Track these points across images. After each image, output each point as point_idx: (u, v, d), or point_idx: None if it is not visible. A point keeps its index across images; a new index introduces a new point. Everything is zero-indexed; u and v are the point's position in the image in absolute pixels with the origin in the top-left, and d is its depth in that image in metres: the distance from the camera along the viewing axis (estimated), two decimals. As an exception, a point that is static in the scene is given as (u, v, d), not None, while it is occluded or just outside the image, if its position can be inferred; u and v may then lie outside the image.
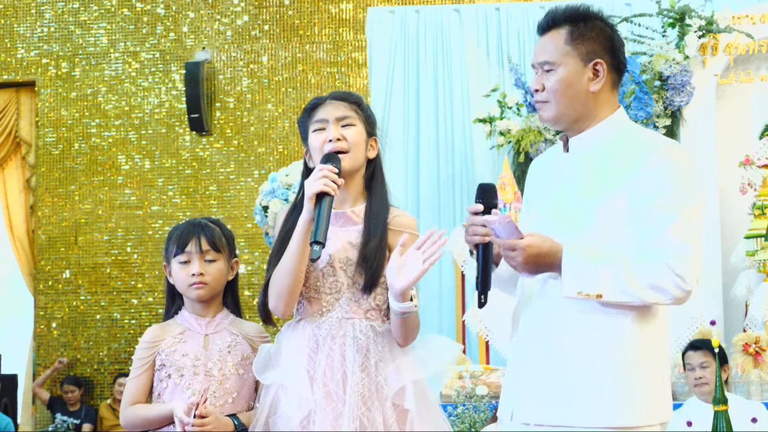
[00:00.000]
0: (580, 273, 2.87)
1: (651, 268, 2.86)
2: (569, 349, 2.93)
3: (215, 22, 9.68)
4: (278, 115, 9.55)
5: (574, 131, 3.09)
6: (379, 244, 3.13)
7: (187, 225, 3.40)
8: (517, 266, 2.92)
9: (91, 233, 9.66)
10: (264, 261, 9.20)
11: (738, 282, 6.95)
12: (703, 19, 7.37)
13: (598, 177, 2.99)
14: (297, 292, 3.12)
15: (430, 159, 8.35)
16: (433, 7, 8.86)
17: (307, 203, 3.05)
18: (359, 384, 3.05)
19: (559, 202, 3.04)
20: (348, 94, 3.31)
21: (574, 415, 2.91)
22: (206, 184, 9.60)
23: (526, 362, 3.01)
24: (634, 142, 3.01)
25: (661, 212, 2.89)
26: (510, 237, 2.88)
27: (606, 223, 2.93)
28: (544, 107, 3.07)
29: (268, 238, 7.05)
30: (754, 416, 5.53)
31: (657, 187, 2.91)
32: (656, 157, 2.94)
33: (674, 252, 2.86)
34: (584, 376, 2.91)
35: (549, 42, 3.08)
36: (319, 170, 3.06)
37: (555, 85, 3.04)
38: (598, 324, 2.91)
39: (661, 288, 2.86)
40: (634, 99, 7.11)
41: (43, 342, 9.67)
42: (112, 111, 9.74)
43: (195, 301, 3.36)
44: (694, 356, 5.74)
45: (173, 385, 3.25)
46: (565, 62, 3.05)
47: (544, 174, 3.18)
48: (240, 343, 3.31)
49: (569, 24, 3.09)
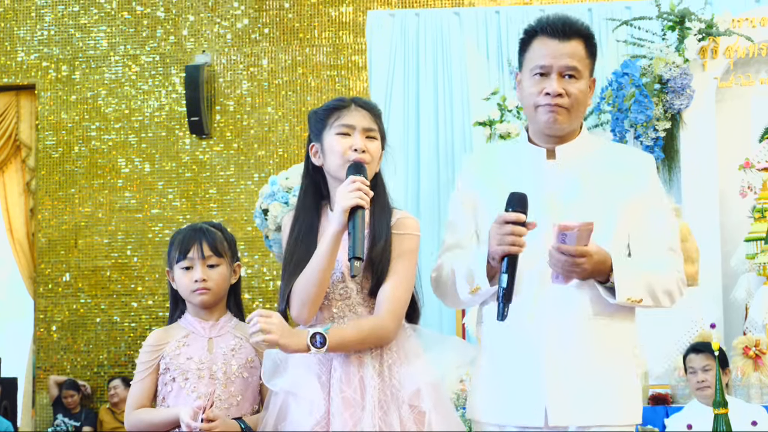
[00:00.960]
0: (629, 280, 2.98)
1: (666, 275, 3.07)
2: (595, 352, 3.03)
3: (215, 25, 9.69)
4: (278, 118, 9.55)
5: (560, 140, 3.15)
6: (384, 248, 3.11)
7: (188, 230, 3.39)
8: (579, 273, 2.93)
9: (91, 236, 9.66)
10: (264, 264, 9.21)
11: (738, 285, 6.95)
12: (703, 22, 7.37)
13: (605, 187, 3.10)
14: (320, 300, 3.10)
15: (430, 162, 8.36)
16: (432, 11, 8.86)
17: (340, 216, 3.01)
18: (377, 389, 3.05)
19: (564, 208, 3.05)
20: (372, 104, 3.26)
21: (609, 414, 3.03)
22: (206, 187, 9.60)
23: (547, 365, 3.01)
24: (629, 156, 3.23)
25: (663, 223, 3.12)
26: (580, 244, 2.89)
27: (622, 231, 3.09)
28: (563, 113, 3.09)
29: (268, 241, 7.05)
30: (754, 419, 5.53)
31: (658, 200, 3.14)
32: (654, 172, 3.19)
33: (678, 261, 3.11)
34: (613, 377, 3.04)
35: (574, 49, 3.10)
36: (352, 182, 3.01)
37: (579, 94, 3.10)
38: (612, 328, 3.06)
39: (671, 293, 3.08)
40: (634, 102, 7.10)
41: (42, 345, 9.66)
42: (112, 114, 9.74)
43: (198, 306, 3.35)
44: (696, 359, 5.73)
45: (178, 389, 3.25)
46: (585, 74, 3.13)
47: (515, 178, 3.12)
48: (244, 347, 3.30)
49: (584, 38, 3.14)
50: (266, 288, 9.30)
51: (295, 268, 3.11)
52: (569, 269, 2.91)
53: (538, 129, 3.16)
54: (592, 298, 3.01)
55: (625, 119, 7.24)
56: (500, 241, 2.91)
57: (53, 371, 9.59)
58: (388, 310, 3.09)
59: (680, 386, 6.21)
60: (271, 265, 9.20)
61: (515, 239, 2.90)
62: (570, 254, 2.88)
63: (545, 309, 3.02)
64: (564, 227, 2.88)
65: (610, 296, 2.97)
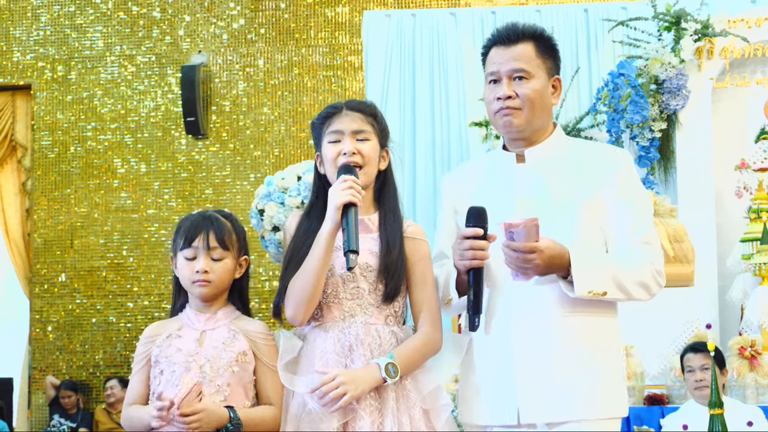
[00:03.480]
0: (589, 274, 3.00)
1: (639, 268, 3.08)
2: (567, 349, 3.05)
3: (211, 25, 9.68)
4: (274, 118, 9.55)
5: (528, 142, 3.22)
6: (400, 254, 3.18)
7: (197, 217, 3.29)
8: (533, 269, 2.98)
9: (86, 236, 9.66)
10: (260, 264, 9.20)
11: (734, 285, 6.95)
12: (699, 22, 7.38)
13: (570, 185, 3.14)
14: (317, 300, 3.14)
15: (426, 162, 8.36)
16: (429, 11, 8.86)
17: (334, 213, 3.06)
18: (392, 390, 3.09)
19: (533, 209, 3.08)
20: (364, 104, 3.30)
21: (583, 408, 3.04)
22: (202, 187, 9.60)
23: (518, 364, 3.07)
24: (598, 153, 3.26)
25: (636, 217, 3.12)
26: (529, 240, 2.93)
27: (587, 226, 3.11)
28: (517, 114, 3.16)
29: (264, 241, 7.04)
30: (749, 420, 5.52)
31: (630, 194, 3.15)
32: (626, 167, 3.19)
33: (654, 253, 3.11)
34: (587, 373, 3.05)
35: (520, 52, 3.18)
36: (344, 181, 3.08)
37: (531, 94, 3.16)
38: (587, 324, 3.08)
39: (647, 285, 3.09)
40: (630, 103, 7.11)
41: (38, 345, 9.65)
42: (108, 114, 9.73)
43: (197, 298, 3.28)
44: (695, 358, 5.73)
45: (165, 382, 3.16)
46: (538, 74, 3.18)
47: (488, 186, 3.23)
48: (238, 340, 3.21)
49: (533, 39, 3.21)
50: (262, 288, 9.30)
51: (297, 265, 3.14)
52: (521, 265, 2.97)
53: (503, 134, 3.28)
54: (561, 296, 3.05)
55: (621, 120, 7.25)
56: (461, 257, 3.03)
57: (49, 371, 9.59)
58: (431, 322, 3.20)
59: (676, 386, 6.21)
60: (267, 265, 9.19)
61: (475, 253, 3.00)
62: (519, 250, 2.94)
63: (516, 310, 3.08)
64: (509, 225, 2.94)
65: (571, 290, 3.01)
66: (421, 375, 3.17)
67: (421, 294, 3.21)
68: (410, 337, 3.19)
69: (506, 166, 3.24)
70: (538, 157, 3.20)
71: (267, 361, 3.21)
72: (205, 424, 3.04)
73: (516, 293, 3.07)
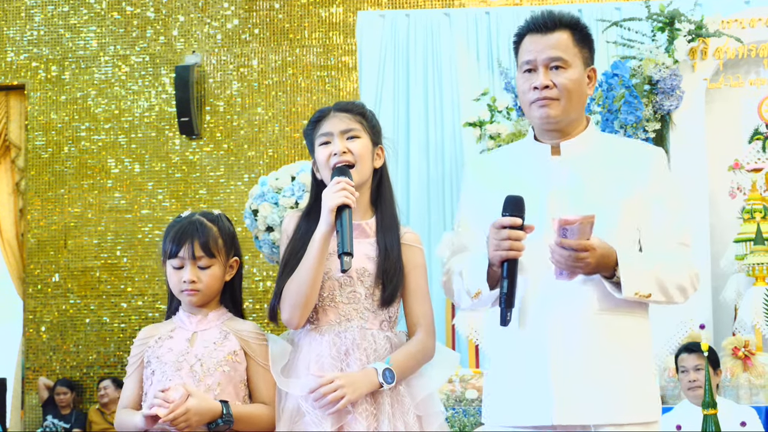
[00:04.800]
0: (636, 275, 2.92)
1: (678, 270, 3.02)
2: (604, 348, 2.96)
3: (205, 25, 9.67)
4: (268, 118, 9.55)
5: (563, 134, 3.11)
6: (398, 259, 3.18)
7: (184, 224, 3.28)
8: (583, 268, 2.88)
9: (80, 237, 9.64)
10: (253, 265, 9.19)
11: (727, 286, 6.96)
12: (693, 23, 7.38)
13: (606, 182, 3.04)
14: (313, 304, 3.14)
15: (420, 162, 8.37)
16: (423, 11, 8.86)
17: (328, 216, 3.06)
18: (386, 393, 3.09)
19: (567, 204, 3.00)
20: (352, 104, 3.31)
21: (622, 412, 2.96)
22: (196, 187, 9.59)
23: (553, 362, 2.96)
24: (633, 150, 3.15)
25: (673, 217, 3.05)
26: (582, 238, 2.84)
27: (625, 226, 3.03)
28: (553, 104, 3.05)
29: (258, 241, 7.04)
30: (743, 420, 5.53)
31: (667, 193, 3.07)
32: (662, 165, 3.11)
33: (690, 255, 3.06)
34: (624, 374, 2.97)
35: (557, 40, 3.08)
36: (337, 183, 3.07)
37: (568, 84, 3.06)
38: (622, 322, 2.99)
39: (684, 288, 3.04)
40: (624, 103, 7.11)
41: (32, 346, 9.64)
42: (102, 114, 9.72)
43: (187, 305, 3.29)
44: (689, 359, 5.73)
45: (157, 382, 3.16)
46: (575, 63, 3.10)
47: (518, 176, 3.11)
48: (229, 340, 3.20)
49: (570, 28, 3.12)
50: (256, 288, 9.29)
51: (293, 268, 3.14)
52: (572, 264, 2.87)
53: (537, 125, 3.14)
54: (599, 294, 2.96)
55: (614, 120, 7.25)
56: (497, 247, 2.89)
57: (42, 372, 9.58)
58: (425, 329, 3.20)
59: (670, 387, 6.22)
60: (261, 265, 9.18)
61: (512, 244, 2.87)
62: (572, 249, 2.84)
63: (551, 307, 2.97)
64: (565, 221, 2.84)
65: (617, 291, 2.92)
66: (414, 380, 3.17)
67: (416, 301, 3.21)
68: (404, 343, 3.20)
69: (540, 157, 3.12)
70: (574, 151, 3.09)
71: (259, 360, 3.20)
72: (195, 421, 3.04)
73: (551, 289, 2.96)
